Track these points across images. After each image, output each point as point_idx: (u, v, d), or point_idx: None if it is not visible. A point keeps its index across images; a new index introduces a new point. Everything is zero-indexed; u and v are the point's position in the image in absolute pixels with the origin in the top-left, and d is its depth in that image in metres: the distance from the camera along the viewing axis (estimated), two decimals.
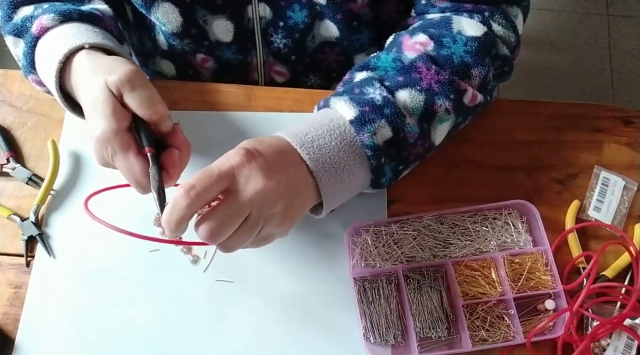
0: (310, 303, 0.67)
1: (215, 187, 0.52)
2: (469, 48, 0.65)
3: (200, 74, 0.84)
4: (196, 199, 0.51)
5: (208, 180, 0.52)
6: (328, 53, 0.80)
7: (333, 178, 0.59)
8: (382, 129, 0.60)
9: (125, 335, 0.65)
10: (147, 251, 0.69)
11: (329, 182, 0.59)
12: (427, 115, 0.63)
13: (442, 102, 0.63)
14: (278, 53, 0.79)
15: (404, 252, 0.68)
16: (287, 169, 0.56)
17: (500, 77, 0.72)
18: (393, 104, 0.61)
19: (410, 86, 0.62)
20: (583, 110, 0.78)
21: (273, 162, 0.55)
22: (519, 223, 0.70)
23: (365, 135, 0.59)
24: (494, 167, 0.74)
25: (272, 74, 0.83)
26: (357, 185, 0.63)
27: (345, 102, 0.61)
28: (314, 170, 0.58)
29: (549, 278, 0.66)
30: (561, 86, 1.82)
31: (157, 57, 0.84)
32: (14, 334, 0.65)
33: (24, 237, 0.69)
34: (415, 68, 0.64)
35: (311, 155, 0.58)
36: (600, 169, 0.73)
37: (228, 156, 0.55)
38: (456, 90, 0.64)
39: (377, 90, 0.62)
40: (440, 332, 0.64)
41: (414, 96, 0.62)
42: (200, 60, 0.82)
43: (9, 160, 0.73)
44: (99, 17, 0.67)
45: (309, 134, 0.59)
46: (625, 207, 0.72)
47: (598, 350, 0.64)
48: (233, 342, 0.65)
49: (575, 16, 1.94)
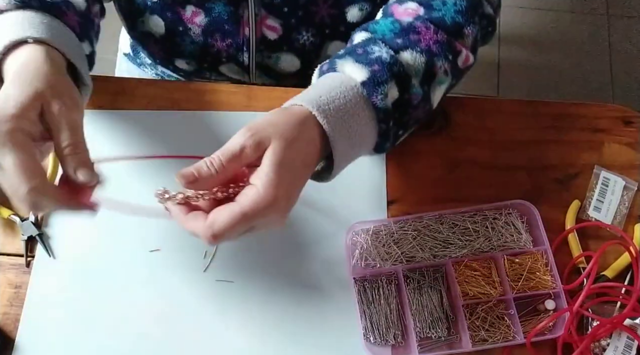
0: (310, 303, 0.67)
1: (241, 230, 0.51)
2: (459, 7, 0.65)
3: (189, 31, 0.81)
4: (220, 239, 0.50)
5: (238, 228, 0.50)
6: (321, 5, 0.78)
7: (347, 144, 0.57)
8: (392, 90, 0.59)
9: (125, 335, 0.65)
10: (147, 251, 0.69)
11: (342, 150, 0.57)
12: (428, 76, 0.62)
13: (442, 63, 0.63)
14: (270, 4, 0.77)
15: (404, 252, 0.68)
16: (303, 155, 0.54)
17: (484, 39, 0.72)
18: (400, 63, 0.60)
19: (411, 47, 0.61)
20: (583, 110, 0.78)
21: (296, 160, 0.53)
22: (519, 223, 0.70)
23: (378, 98, 0.58)
24: (494, 167, 0.74)
25: (263, 29, 0.79)
26: (364, 149, 0.61)
27: (353, 64, 0.59)
28: (332, 138, 0.55)
29: (549, 278, 0.66)
30: (561, 86, 1.83)
31: (146, 13, 0.81)
32: (14, 334, 0.65)
33: (24, 237, 0.69)
34: (414, 28, 0.63)
35: (329, 118, 0.55)
36: (600, 169, 0.73)
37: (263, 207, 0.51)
38: (453, 51, 0.64)
39: (383, 49, 0.61)
40: (440, 332, 0.65)
41: (416, 57, 0.61)
42: (190, 13, 0.78)
43: None
44: (62, 10, 0.62)
45: (323, 96, 0.57)
46: (625, 207, 0.72)
47: (598, 350, 0.64)
48: (233, 342, 0.65)
49: (575, 16, 1.94)
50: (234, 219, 0.50)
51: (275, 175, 0.51)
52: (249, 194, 0.51)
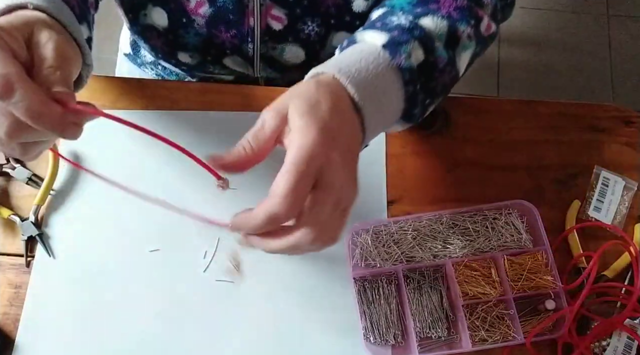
0: (310, 303, 0.67)
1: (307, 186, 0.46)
2: None
3: (193, 22, 0.80)
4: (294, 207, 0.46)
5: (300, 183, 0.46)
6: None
7: (374, 106, 0.54)
8: (416, 51, 0.57)
9: (125, 335, 0.66)
10: (147, 251, 0.69)
11: (372, 113, 0.54)
12: (451, 40, 0.61)
13: (464, 28, 0.62)
14: None
15: (404, 252, 0.68)
16: (342, 125, 0.51)
17: (504, 12, 0.71)
18: (421, 27, 0.59)
19: (431, 14, 0.61)
20: (583, 110, 0.78)
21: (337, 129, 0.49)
22: (519, 223, 0.70)
23: (402, 58, 0.56)
24: (494, 167, 0.74)
25: (268, 19, 0.78)
26: (391, 116, 0.59)
27: (372, 32, 0.58)
28: (358, 101, 0.53)
29: (549, 278, 0.66)
30: (561, 86, 1.83)
31: (149, 6, 0.80)
32: (14, 334, 0.65)
33: (24, 237, 0.69)
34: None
35: (352, 79, 0.53)
36: (600, 169, 0.73)
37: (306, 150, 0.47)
38: (475, 17, 0.63)
39: (402, 17, 0.60)
40: (440, 332, 0.65)
41: (437, 22, 0.60)
42: (194, 4, 0.77)
43: (9, 160, 0.72)
44: None
45: (344, 62, 0.54)
46: (625, 207, 0.72)
47: (598, 350, 0.64)
48: (233, 342, 0.65)
49: (575, 16, 1.94)
50: (289, 177, 0.45)
51: (306, 118, 0.48)
52: (289, 149, 0.47)
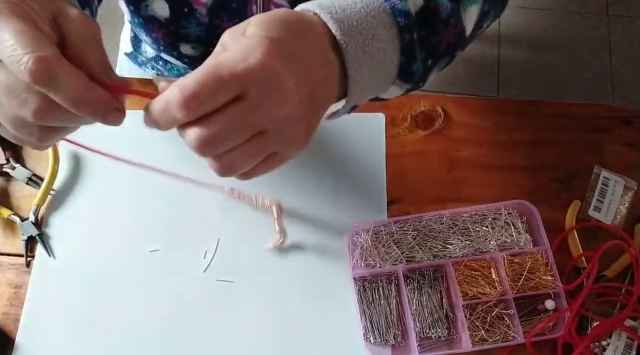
0: (310, 303, 0.67)
1: (223, 96, 0.39)
2: None
3: (195, 12, 0.79)
4: (194, 112, 0.38)
5: (215, 88, 0.38)
6: None
7: (360, 48, 0.47)
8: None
9: (124, 335, 0.66)
10: (147, 251, 0.69)
11: (355, 53, 0.47)
12: None
13: None
14: None
15: (404, 252, 0.68)
16: (309, 56, 0.43)
17: None
18: None
19: None
20: (583, 110, 0.78)
21: (298, 55, 0.42)
22: (519, 223, 0.70)
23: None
24: (494, 167, 0.74)
25: (271, 7, 0.75)
26: (385, 71, 0.51)
27: None
28: (338, 35, 0.46)
29: (549, 278, 0.66)
30: (561, 86, 1.83)
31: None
32: (14, 334, 0.65)
33: (24, 237, 0.69)
34: None
35: (333, 14, 0.46)
36: (600, 169, 0.73)
37: (245, 52, 0.39)
38: None
39: None
40: (440, 332, 0.65)
41: None
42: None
43: (9, 160, 0.72)
44: None
45: (327, 1, 0.48)
46: (625, 207, 0.72)
47: (598, 350, 0.64)
48: (233, 342, 0.65)
49: (575, 16, 1.94)
50: (210, 75, 0.38)
51: (262, 28, 0.41)
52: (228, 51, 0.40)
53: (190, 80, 0.38)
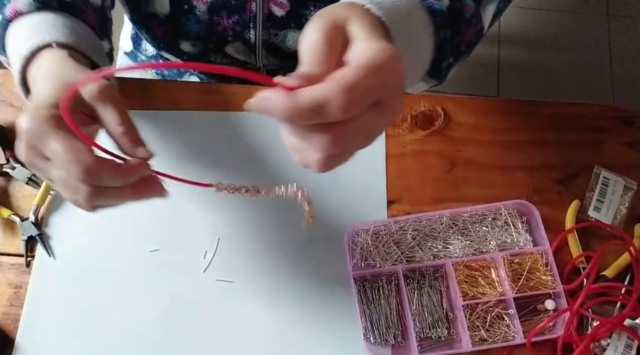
0: (310, 303, 0.67)
1: (370, 102, 0.41)
2: None
3: (195, 9, 0.79)
4: (350, 113, 0.39)
5: (366, 95, 0.40)
6: None
7: (404, 41, 0.50)
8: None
9: (124, 335, 0.65)
10: (147, 251, 0.69)
11: (402, 53, 0.47)
12: None
13: None
14: None
15: (404, 252, 0.68)
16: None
17: None
18: None
19: None
20: (583, 110, 0.78)
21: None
22: (519, 223, 0.70)
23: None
24: (494, 167, 0.74)
25: (271, 4, 0.77)
26: (421, 65, 0.55)
27: None
28: (393, 35, 0.48)
29: (549, 278, 0.66)
30: (561, 86, 1.83)
31: None
32: (14, 334, 0.65)
33: (24, 237, 0.69)
34: None
35: (385, 14, 0.48)
36: (600, 169, 0.73)
37: (385, 61, 0.41)
38: None
39: None
40: (440, 332, 0.65)
41: None
42: None
43: (9, 160, 0.72)
44: (81, 9, 0.62)
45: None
46: (625, 207, 0.72)
47: (598, 350, 0.64)
48: (233, 342, 0.65)
49: (575, 16, 1.94)
50: (363, 71, 0.39)
51: (377, 37, 0.43)
52: (364, 52, 0.42)
53: (351, 82, 0.39)
